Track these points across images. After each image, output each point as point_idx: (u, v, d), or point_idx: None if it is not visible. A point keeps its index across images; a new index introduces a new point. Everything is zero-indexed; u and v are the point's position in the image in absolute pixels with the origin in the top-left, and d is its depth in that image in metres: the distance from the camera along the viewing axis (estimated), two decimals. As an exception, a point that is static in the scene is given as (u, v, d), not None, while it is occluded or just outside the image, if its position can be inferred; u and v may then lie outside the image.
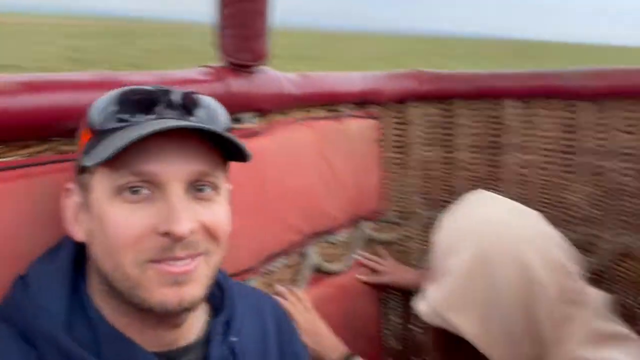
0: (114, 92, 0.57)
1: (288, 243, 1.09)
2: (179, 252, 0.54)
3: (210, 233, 0.57)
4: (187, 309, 0.56)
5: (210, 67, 0.87)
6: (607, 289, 1.18)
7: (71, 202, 0.60)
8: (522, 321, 0.87)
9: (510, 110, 1.24)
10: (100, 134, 0.55)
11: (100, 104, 0.57)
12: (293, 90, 1.00)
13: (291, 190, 1.05)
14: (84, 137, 0.58)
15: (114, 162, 0.52)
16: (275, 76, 0.96)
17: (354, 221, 1.29)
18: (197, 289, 0.56)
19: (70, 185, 0.60)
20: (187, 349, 0.62)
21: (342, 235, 1.25)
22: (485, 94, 1.25)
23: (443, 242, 1.00)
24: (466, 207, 1.00)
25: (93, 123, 0.56)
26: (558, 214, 1.22)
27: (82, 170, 0.57)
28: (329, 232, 1.21)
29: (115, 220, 0.53)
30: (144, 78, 0.74)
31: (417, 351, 1.45)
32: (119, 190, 0.54)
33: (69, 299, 0.57)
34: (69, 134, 0.70)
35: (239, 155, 0.59)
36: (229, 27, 0.85)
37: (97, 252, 0.56)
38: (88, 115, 0.57)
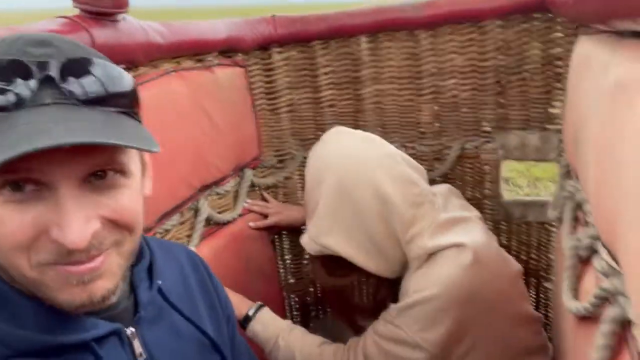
0: None
1: (180, 199, 1.07)
2: (79, 257, 0.48)
3: (117, 224, 0.51)
4: (100, 302, 0.51)
5: (68, 17, 0.78)
6: (455, 186, 1.44)
7: None
8: (381, 230, 1.04)
9: (363, 46, 1.36)
10: None
11: None
12: (159, 40, 0.96)
13: (176, 144, 1.03)
14: None
15: None
16: (140, 25, 0.91)
17: (238, 170, 1.31)
18: (107, 282, 0.51)
19: None
20: (116, 303, 0.59)
21: (229, 185, 1.27)
22: (339, 33, 1.35)
23: (309, 177, 1.13)
24: (324, 144, 1.14)
25: None
26: (412, 133, 1.42)
27: None
28: (216, 183, 1.22)
29: (0, 222, 0.46)
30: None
31: (312, 282, 1.57)
32: None
33: None
34: None
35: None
36: (82, -29, 0.78)
37: None
38: None
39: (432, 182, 1.44)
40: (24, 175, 0.45)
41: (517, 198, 1.42)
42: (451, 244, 1.00)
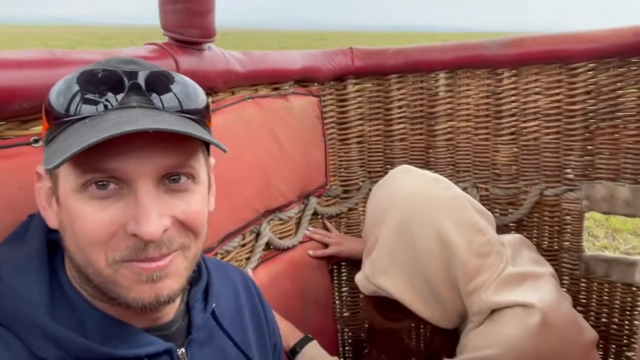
0: (74, 73, 0.52)
1: (243, 221, 1.09)
2: (153, 253, 0.52)
3: (185, 226, 0.54)
4: (166, 302, 0.54)
5: (156, 44, 0.84)
6: (530, 235, 1.34)
7: (43, 187, 0.56)
8: (441, 278, 0.98)
9: (440, 82, 1.33)
10: (59, 124, 0.51)
11: (62, 86, 0.51)
12: (239, 68, 1.00)
13: (244, 168, 1.05)
14: (44, 123, 0.54)
15: (76, 158, 0.47)
16: (222, 54, 0.96)
17: (303, 197, 1.32)
18: (174, 282, 0.54)
19: (40, 170, 0.56)
20: (172, 322, 0.62)
21: (292, 212, 1.27)
22: (416, 67, 1.33)
23: (371, 214, 1.10)
24: (389, 182, 1.10)
25: (53, 108, 0.51)
26: (486, 174, 1.35)
27: None
28: (280, 208, 1.23)
29: (82, 217, 0.50)
30: (94, 56, 0.71)
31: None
32: (85, 186, 0.50)
33: (48, 284, 0.54)
34: (15, 116, 0.66)
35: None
36: (175, 3, 0.83)
37: (69, 245, 0.54)
38: (48, 98, 0.52)
39: (505, 227, 1.36)
40: (109, 174, 0.50)
41: (600, 254, 1.30)
42: (517, 303, 0.92)
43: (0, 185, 0.62)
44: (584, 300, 1.33)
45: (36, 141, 0.66)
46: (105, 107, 0.51)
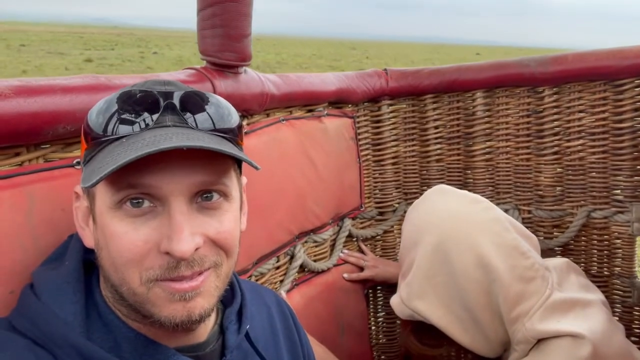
0: (114, 94, 0.54)
1: (278, 243, 1.08)
2: (185, 271, 0.52)
3: (217, 245, 0.55)
4: (197, 321, 0.54)
5: (194, 68, 0.86)
6: (577, 260, 1.27)
7: (81, 206, 0.58)
8: (482, 303, 0.93)
9: (478, 101, 1.30)
10: (97, 144, 0.52)
11: (102, 106, 0.54)
12: (274, 91, 1.01)
13: (279, 190, 1.05)
14: (82, 144, 0.56)
15: (111, 176, 0.48)
16: (257, 77, 0.97)
17: (337, 219, 1.30)
18: (206, 301, 0.55)
19: (78, 189, 0.58)
20: (205, 342, 0.62)
21: (326, 234, 1.26)
22: (452, 87, 1.31)
23: (406, 235, 1.06)
24: (424, 202, 1.06)
25: (91, 128, 0.53)
26: (528, 195, 1.30)
27: None
28: (315, 230, 1.22)
29: (117, 236, 0.51)
30: (134, 81, 0.73)
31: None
32: (120, 203, 0.51)
33: (84, 304, 0.55)
34: (60, 139, 0.68)
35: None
36: (212, 27, 0.85)
37: (104, 264, 0.54)
38: (87, 118, 0.54)
39: (550, 252, 1.29)
40: (143, 191, 0.51)
41: (656, 281, 1.21)
42: (566, 333, 0.86)
43: (44, 206, 0.64)
44: (637, 330, 1.24)
45: (78, 163, 0.69)
46: (142, 126, 0.52)
